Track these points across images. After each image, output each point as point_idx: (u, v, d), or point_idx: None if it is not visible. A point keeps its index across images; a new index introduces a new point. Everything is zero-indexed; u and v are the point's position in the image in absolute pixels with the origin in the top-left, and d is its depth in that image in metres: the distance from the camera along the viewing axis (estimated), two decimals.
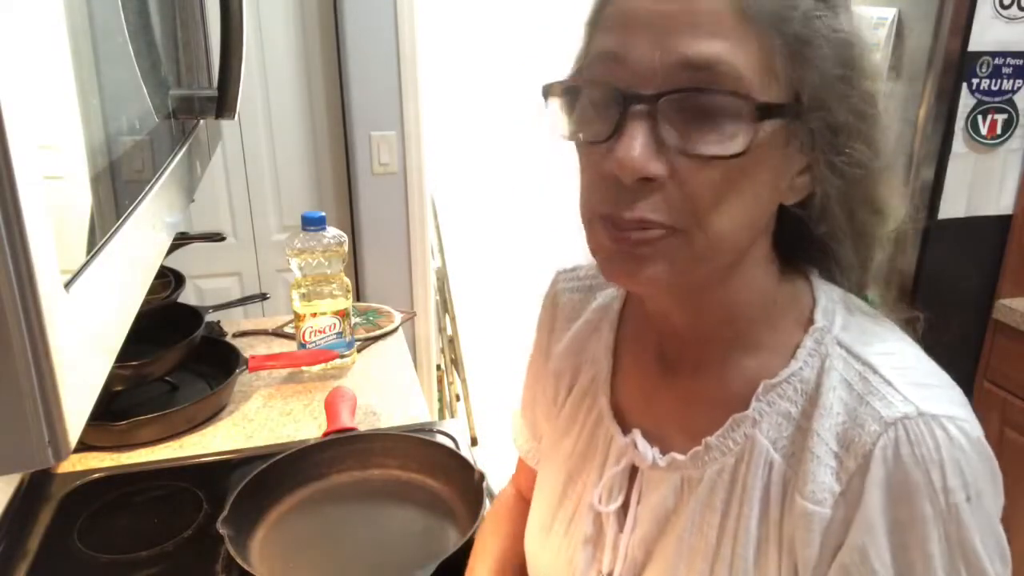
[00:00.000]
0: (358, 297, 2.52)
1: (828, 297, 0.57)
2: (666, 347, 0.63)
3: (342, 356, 1.49)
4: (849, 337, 0.55)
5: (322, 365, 1.49)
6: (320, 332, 1.45)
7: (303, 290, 1.43)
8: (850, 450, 0.51)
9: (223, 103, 0.92)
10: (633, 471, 0.64)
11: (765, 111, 0.48)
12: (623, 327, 0.69)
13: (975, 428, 0.52)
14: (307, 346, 1.46)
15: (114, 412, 1.29)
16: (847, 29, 0.50)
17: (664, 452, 0.61)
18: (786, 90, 0.49)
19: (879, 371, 0.53)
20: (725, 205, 0.49)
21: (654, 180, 0.48)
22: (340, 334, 1.47)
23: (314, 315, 1.44)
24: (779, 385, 0.55)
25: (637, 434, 0.63)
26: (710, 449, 0.58)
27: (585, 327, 0.72)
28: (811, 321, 0.56)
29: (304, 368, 1.50)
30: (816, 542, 0.52)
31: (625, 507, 0.64)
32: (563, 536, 0.68)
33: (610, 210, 0.50)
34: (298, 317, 1.45)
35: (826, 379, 0.53)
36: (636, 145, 0.48)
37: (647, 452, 0.62)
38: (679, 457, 0.60)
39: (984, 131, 1.68)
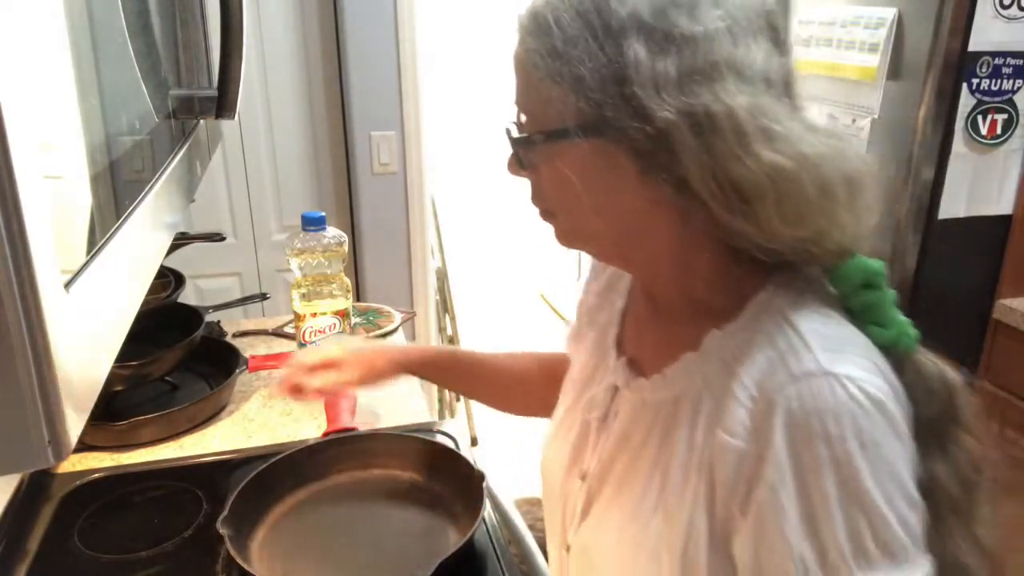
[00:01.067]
0: (358, 297, 2.52)
1: (779, 284, 0.65)
2: (652, 295, 0.75)
3: None
4: (791, 312, 0.62)
5: None
6: (320, 332, 1.44)
7: (303, 290, 1.43)
8: (763, 395, 0.59)
9: (223, 103, 0.92)
10: (617, 391, 0.75)
11: (545, 136, 0.62)
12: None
13: (877, 388, 0.57)
14: (307, 346, 1.44)
15: (114, 412, 1.29)
16: (619, 60, 0.57)
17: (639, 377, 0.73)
18: (571, 119, 0.60)
19: (802, 336, 0.60)
20: (567, 204, 0.65)
21: (529, 179, 0.68)
22: (340, 334, 1.47)
23: (314, 315, 1.43)
24: (723, 337, 0.65)
25: (623, 359, 0.76)
26: (664, 378, 0.69)
27: (614, 273, 0.84)
28: (757, 296, 0.65)
29: None
30: (731, 468, 0.60)
31: (606, 418, 0.76)
32: (563, 439, 0.81)
33: None
34: (298, 317, 1.44)
35: (759, 337, 0.62)
36: (510, 159, 0.68)
37: (620, 374, 0.75)
38: (644, 381, 0.71)
39: (984, 131, 1.68)
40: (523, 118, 0.65)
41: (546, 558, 0.95)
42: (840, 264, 0.64)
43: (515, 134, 0.66)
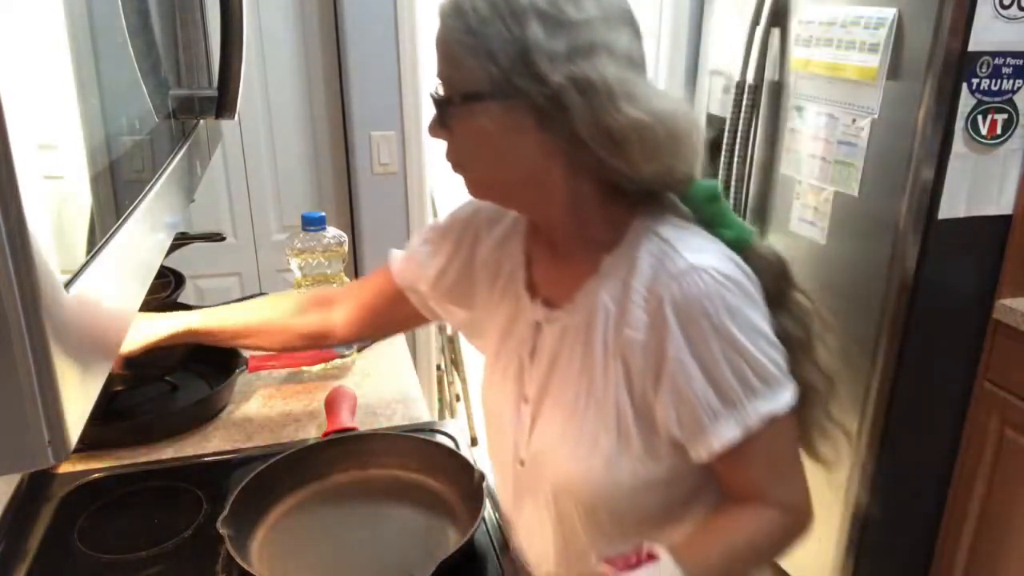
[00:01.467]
0: None
1: (647, 212, 0.83)
2: (551, 240, 0.89)
3: (342, 356, 1.48)
4: (659, 228, 0.81)
5: (322, 365, 1.49)
6: None
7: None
8: (652, 295, 0.78)
9: (223, 103, 0.92)
10: (539, 326, 0.90)
11: (462, 98, 0.77)
12: (534, 230, 0.94)
13: (731, 271, 0.77)
14: None
15: (114, 412, 1.29)
16: (522, 38, 0.72)
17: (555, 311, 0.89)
18: (485, 85, 0.74)
19: (671, 244, 0.79)
20: (479, 158, 0.81)
21: (446, 139, 0.81)
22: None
23: None
24: (614, 259, 0.82)
25: (538, 300, 0.91)
26: (575, 304, 0.85)
27: (504, 231, 0.97)
28: (632, 223, 0.83)
29: (304, 368, 1.50)
30: (639, 356, 0.80)
31: (533, 352, 0.91)
32: (501, 376, 0.96)
33: None
34: None
35: (640, 252, 0.80)
36: (431, 121, 0.82)
37: (539, 311, 0.90)
38: (559, 312, 0.87)
39: (984, 131, 1.68)
40: (442, 89, 0.79)
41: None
42: (688, 188, 0.84)
43: (438, 98, 0.80)
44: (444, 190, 2.76)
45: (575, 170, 0.79)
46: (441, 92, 0.79)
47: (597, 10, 0.75)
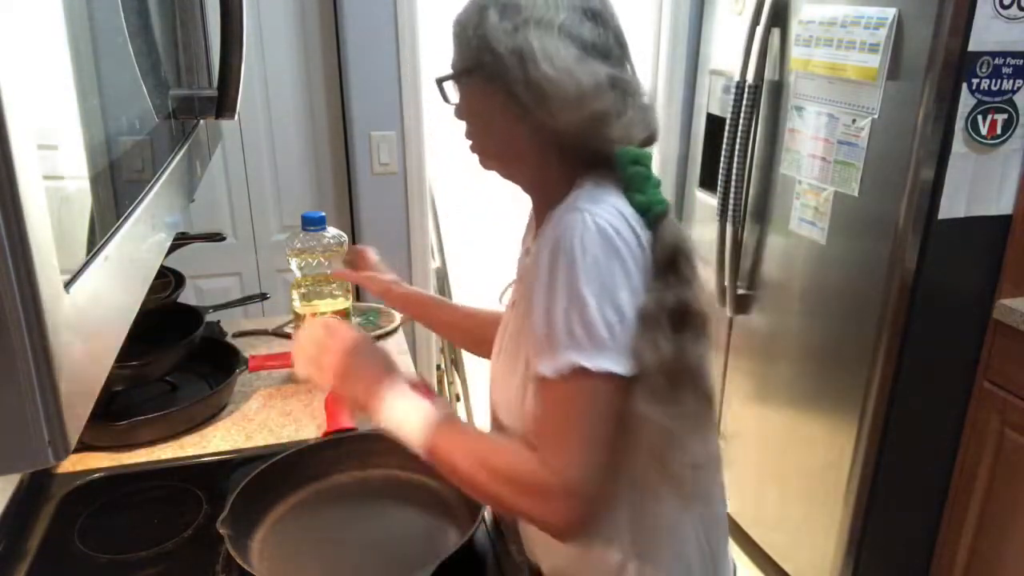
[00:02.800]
0: (358, 297, 2.52)
1: (594, 176, 0.91)
2: (536, 207, 1.02)
3: None
4: (585, 184, 0.90)
5: None
6: None
7: (303, 290, 1.42)
8: (544, 235, 0.86)
9: (223, 103, 0.92)
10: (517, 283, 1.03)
11: (454, 75, 0.94)
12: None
13: (608, 224, 0.82)
14: None
15: (114, 412, 1.29)
16: (483, 25, 0.88)
17: None
18: (467, 64, 0.91)
19: (579, 195, 0.88)
20: (476, 131, 0.96)
21: (462, 119, 0.97)
22: None
23: (313, 315, 1.42)
24: (557, 211, 0.88)
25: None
26: (529, 252, 0.96)
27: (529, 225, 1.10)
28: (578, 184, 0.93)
29: None
30: (525, 289, 0.90)
31: (512, 307, 1.00)
32: (499, 340, 1.03)
33: None
34: (298, 317, 1.43)
35: (567, 205, 0.88)
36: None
37: (520, 265, 1.04)
38: (526, 259, 1.00)
39: (984, 131, 1.68)
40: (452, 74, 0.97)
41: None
42: (613, 150, 0.91)
43: (437, 77, 0.97)
44: (444, 190, 2.76)
45: (535, 135, 0.91)
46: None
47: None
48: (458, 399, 2.95)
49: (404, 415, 0.91)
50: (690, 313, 0.85)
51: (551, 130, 0.89)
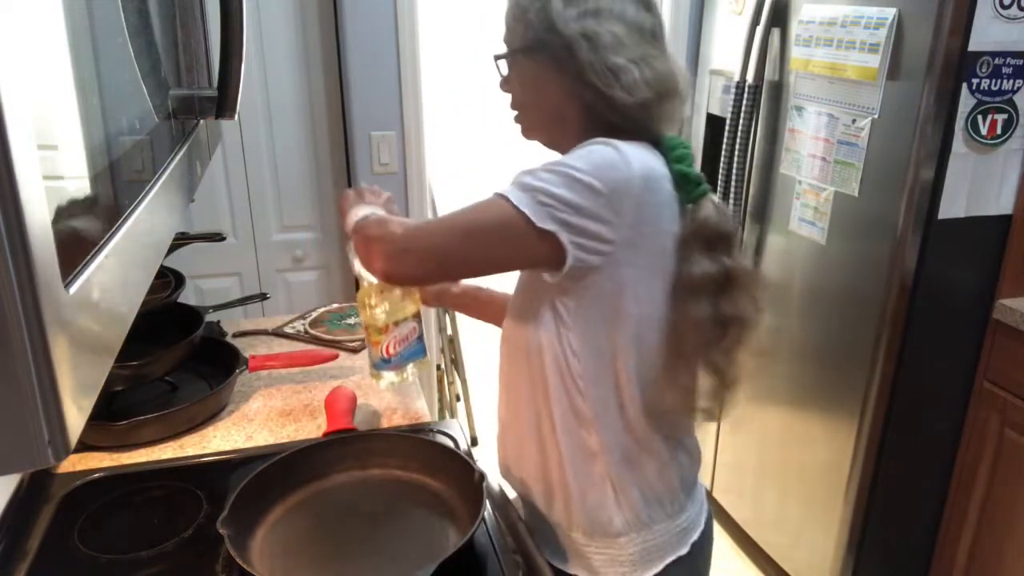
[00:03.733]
0: None
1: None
2: None
3: (421, 362, 1.24)
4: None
5: (390, 378, 1.29)
6: (403, 341, 1.19)
7: (378, 299, 1.18)
8: None
9: (223, 103, 0.92)
10: None
11: (511, 52, 1.05)
12: None
13: (622, 154, 0.93)
14: (391, 360, 1.19)
15: (114, 412, 1.29)
16: (547, 8, 0.99)
17: None
18: (525, 43, 1.02)
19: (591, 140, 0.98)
20: (525, 102, 1.07)
21: (509, 92, 1.09)
22: (420, 337, 1.22)
23: (396, 323, 1.18)
24: None
25: None
26: None
27: None
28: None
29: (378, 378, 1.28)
30: None
31: None
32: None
33: None
34: (378, 331, 1.19)
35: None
36: (500, 81, 1.09)
37: None
38: None
39: (984, 131, 1.68)
40: (505, 53, 1.06)
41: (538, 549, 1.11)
42: (656, 138, 1.01)
43: (496, 55, 1.07)
44: (444, 190, 2.76)
45: (587, 109, 1.01)
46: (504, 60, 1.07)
47: None
48: (458, 399, 2.95)
49: (359, 211, 1.05)
50: (732, 278, 0.98)
51: (606, 106, 0.99)
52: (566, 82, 1.00)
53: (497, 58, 1.07)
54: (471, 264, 0.97)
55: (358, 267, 1.13)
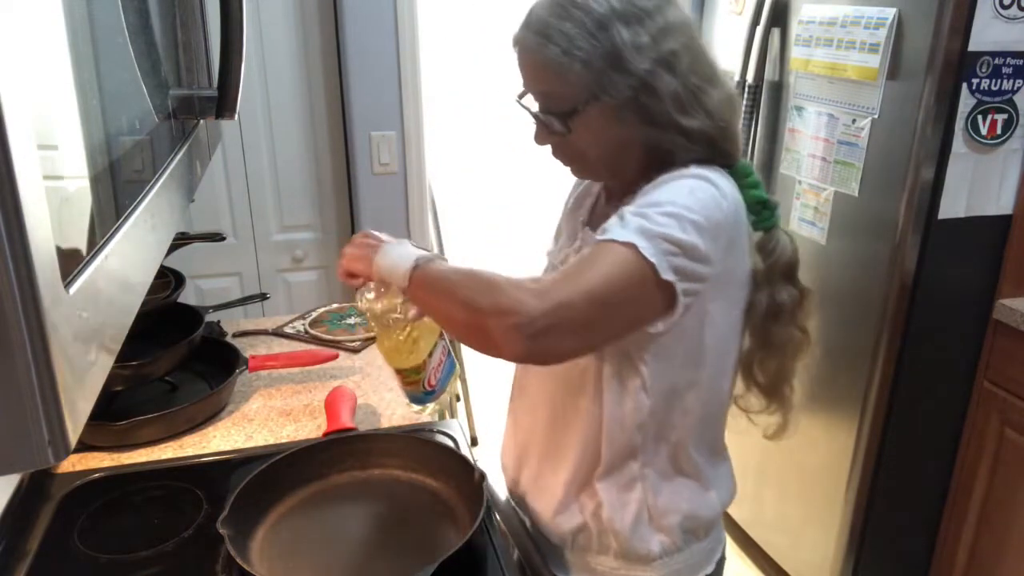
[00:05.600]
0: None
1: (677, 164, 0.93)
2: (609, 191, 1.04)
3: (455, 375, 1.19)
4: (695, 166, 0.91)
5: (432, 406, 1.23)
6: (439, 367, 1.13)
7: (408, 336, 1.08)
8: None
9: (223, 103, 0.92)
10: (580, 248, 1.02)
11: (568, 111, 0.90)
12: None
13: (719, 188, 0.88)
14: (434, 391, 1.13)
15: (114, 412, 1.29)
16: (611, 45, 0.85)
17: None
18: (584, 94, 0.88)
19: (692, 167, 0.90)
20: (580, 150, 0.94)
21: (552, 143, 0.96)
22: (449, 351, 1.16)
23: (430, 355, 1.10)
24: (650, 184, 0.91)
25: (587, 228, 1.03)
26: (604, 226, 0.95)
27: (585, 187, 1.12)
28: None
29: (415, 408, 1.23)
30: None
31: None
32: None
33: None
34: (416, 371, 1.10)
35: (668, 176, 0.90)
36: (536, 132, 0.96)
37: (588, 237, 1.01)
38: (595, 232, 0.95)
39: (984, 131, 1.68)
40: (540, 102, 0.92)
41: (535, 546, 1.09)
42: (737, 159, 0.95)
43: (536, 111, 0.92)
44: (444, 190, 2.76)
45: (653, 141, 0.92)
46: (542, 107, 0.92)
47: None
48: (458, 399, 2.95)
49: (398, 254, 0.90)
50: (797, 303, 0.99)
51: (687, 137, 0.89)
52: (640, 122, 0.89)
53: (548, 119, 0.91)
54: (612, 330, 0.87)
55: (367, 304, 1.01)
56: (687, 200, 0.84)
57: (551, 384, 1.02)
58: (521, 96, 0.94)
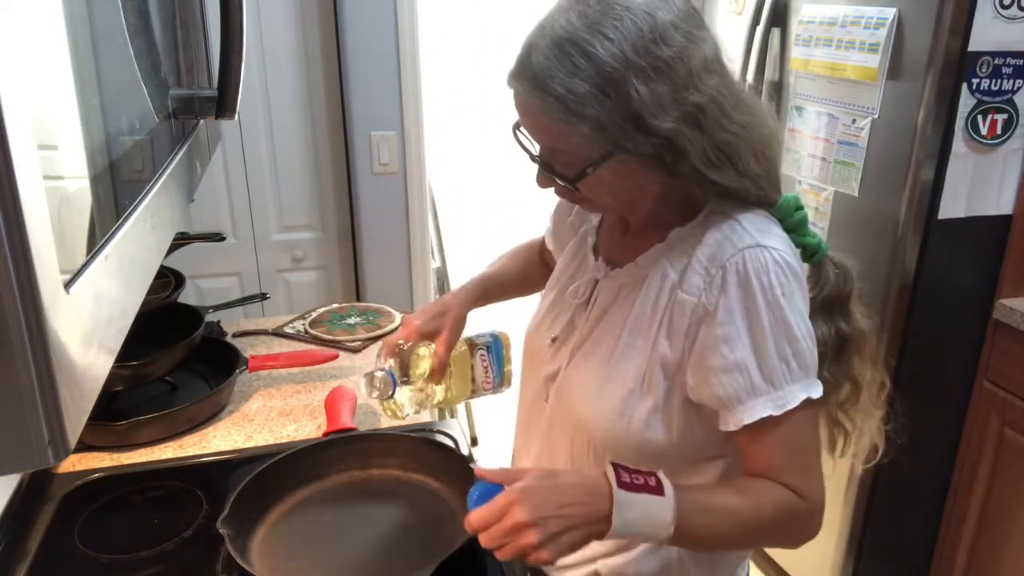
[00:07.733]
0: (358, 297, 2.52)
1: (721, 199, 0.86)
2: (627, 221, 0.96)
3: (505, 351, 1.22)
4: (736, 212, 0.85)
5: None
6: (486, 364, 1.18)
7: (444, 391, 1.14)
8: (714, 264, 0.83)
9: (223, 103, 0.92)
10: (597, 282, 0.97)
11: (577, 172, 0.82)
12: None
13: (791, 258, 0.83)
14: (501, 379, 1.20)
15: (114, 412, 1.29)
16: (626, 101, 0.75)
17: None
18: (596, 153, 0.79)
19: (742, 224, 0.83)
20: (590, 198, 0.87)
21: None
22: (488, 346, 1.18)
23: (472, 366, 1.17)
24: (684, 231, 0.87)
25: (600, 259, 0.97)
26: (636, 265, 0.91)
27: None
28: (707, 206, 0.88)
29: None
30: (686, 317, 0.84)
31: (588, 305, 0.97)
32: (551, 321, 1.02)
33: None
34: (475, 385, 1.18)
35: (711, 228, 0.85)
36: (537, 177, 0.88)
37: (600, 269, 0.96)
38: (619, 271, 0.93)
39: (984, 131, 1.68)
40: (545, 154, 0.84)
41: None
42: (776, 200, 0.88)
43: (537, 153, 0.85)
44: (444, 190, 2.76)
45: (679, 190, 0.87)
46: (544, 157, 0.84)
47: (681, 33, 0.76)
48: None
49: (640, 517, 0.77)
50: (859, 334, 0.94)
51: (712, 184, 0.82)
52: (664, 175, 0.81)
53: (559, 179, 0.83)
54: None
55: (376, 395, 1.05)
56: (794, 315, 0.81)
57: (585, 443, 0.95)
58: (518, 126, 0.84)
